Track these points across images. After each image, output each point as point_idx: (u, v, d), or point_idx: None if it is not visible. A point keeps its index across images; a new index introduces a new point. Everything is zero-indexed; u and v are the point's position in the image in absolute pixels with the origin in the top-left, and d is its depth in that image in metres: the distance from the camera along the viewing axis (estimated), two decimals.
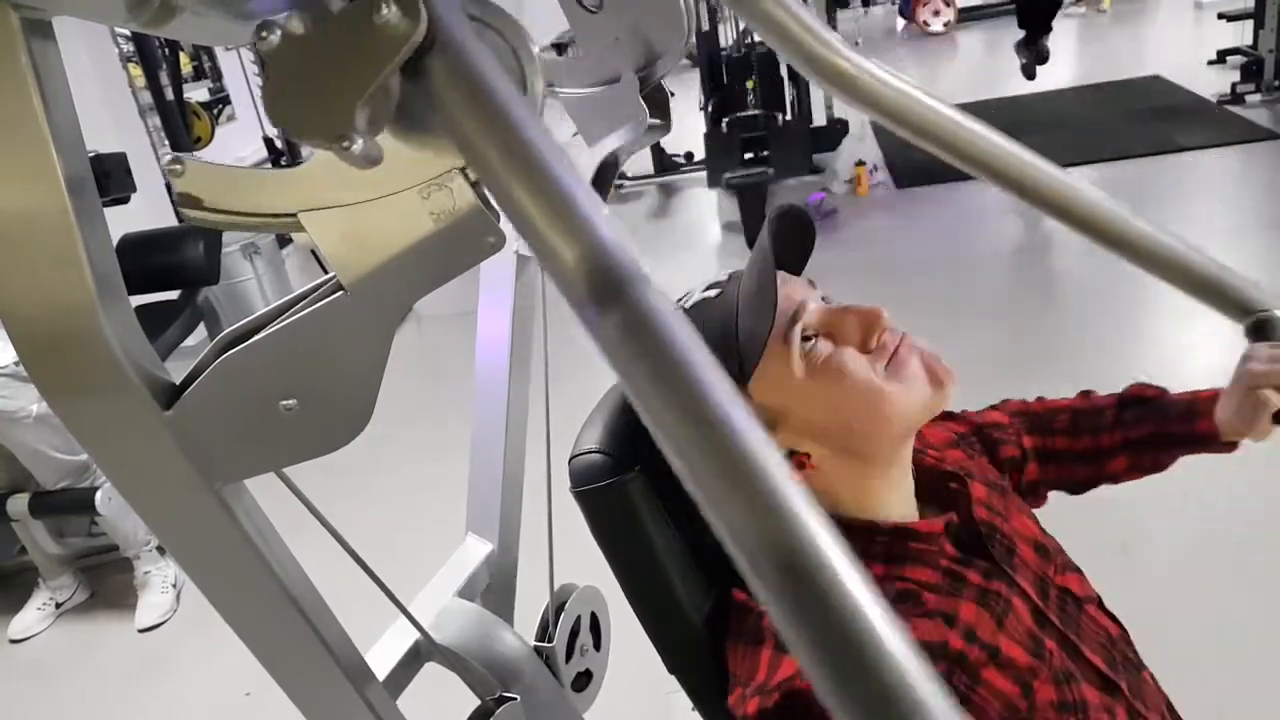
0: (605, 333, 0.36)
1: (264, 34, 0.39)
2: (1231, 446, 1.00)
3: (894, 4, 11.52)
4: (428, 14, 0.38)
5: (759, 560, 0.33)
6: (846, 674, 0.32)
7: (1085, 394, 1.15)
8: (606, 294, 0.36)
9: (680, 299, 0.92)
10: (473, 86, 0.39)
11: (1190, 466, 1.05)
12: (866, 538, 0.85)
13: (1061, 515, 1.12)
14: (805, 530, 0.33)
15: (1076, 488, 1.13)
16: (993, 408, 1.15)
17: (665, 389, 0.35)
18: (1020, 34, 5.37)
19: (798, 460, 0.86)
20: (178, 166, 0.48)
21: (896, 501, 0.88)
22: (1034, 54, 5.32)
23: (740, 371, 0.84)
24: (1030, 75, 5.48)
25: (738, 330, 0.84)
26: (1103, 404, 1.11)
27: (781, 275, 0.87)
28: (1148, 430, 1.05)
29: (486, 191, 0.41)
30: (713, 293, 0.90)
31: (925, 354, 0.85)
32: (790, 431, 0.86)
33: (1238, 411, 0.95)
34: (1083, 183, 0.82)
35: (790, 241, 0.89)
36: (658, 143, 5.74)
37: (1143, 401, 1.08)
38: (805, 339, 0.84)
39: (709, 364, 0.35)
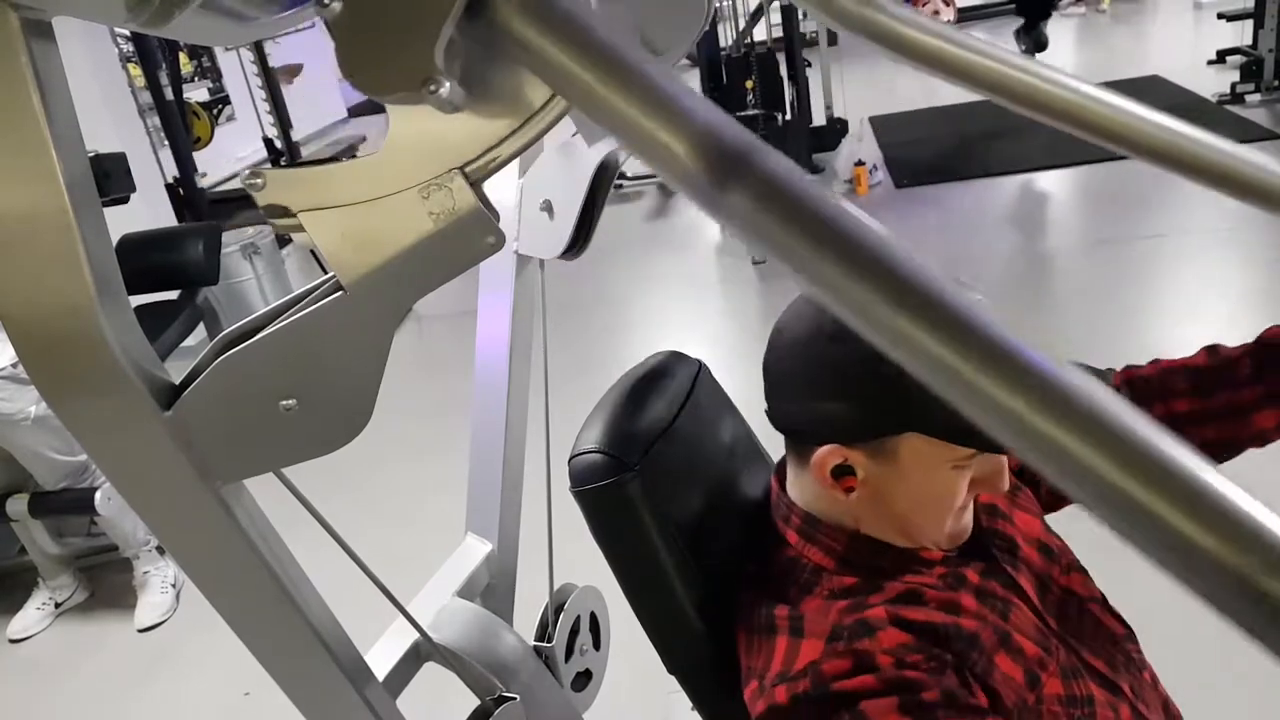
0: (738, 207, 0.34)
1: (325, 2, 0.39)
2: None
3: None
4: None
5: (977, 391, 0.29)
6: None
7: (1211, 349, 1.00)
8: (728, 170, 0.34)
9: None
10: (542, 5, 0.38)
11: None
12: (871, 553, 0.86)
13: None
14: (1033, 370, 0.29)
15: (1215, 453, 0.97)
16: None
17: (818, 245, 0.32)
18: (1019, 22, 5.40)
19: (847, 483, 0.83)
20: (258, 180, 0.47)
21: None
22: (1033, 41, 5.34)
23: (923, 419, 0.77)
24: None
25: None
26: (1235, 355, 0.97)
27: None
28: None
29: (579, 110, 0.39)
30: None
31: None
32: (873, 466, 0.81)
33: None
34: (1140, 106, 0.73)
35: None
36: None
37: None
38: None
39: (852, 211, 0.33)
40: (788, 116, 5.64)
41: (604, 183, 0.87)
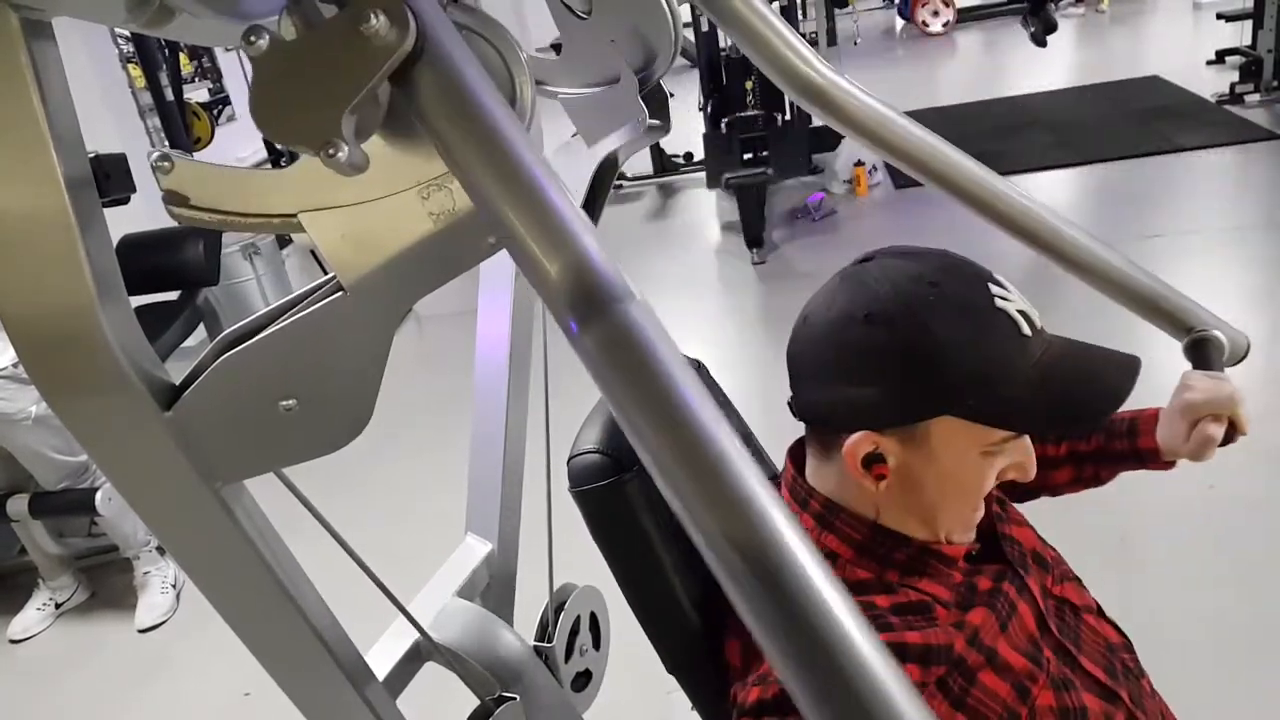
0: (587, 347, 0.36)
1: (252, 38, 0.39)
2: (1171, 464, 1.02)
3: (893, 4, 11.52)
4: (416, 24, 0.38)
5: (734, 567, 0.34)
6: (818, 680, 0.32)
7: None
8: (589, 309, 0.36)
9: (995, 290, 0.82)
10: (459, 100, 0.38)
11: None
12: (891, 545, 0.85)
13: (1056, 507, 1.12)
14: (779, 538, 0.34)
15: (1021, 493, 1.12)
16: None
17: (645, 404, 0.35)
18: (1017, 21, 5.43)
19: (878, 471, 0.81)
20: (166, 164, 0.48)
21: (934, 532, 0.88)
22: (1041, 23, 5.34)
23: (958, 401, 0.78)
24: (1040, 43, 5.47)
25: (1010, 383, 0.77)
26: None
27: None
28: (1094, 445, 1.07)
29: (472, 203, 0.42)
30: (1025, 328, 0.80)
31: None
32: (904, 453, 0.80)
33: (1178, 437, 0.97)
34: (1036, 200, 0.84)
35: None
36: (657, 143, 5.74)
37: None
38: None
39: (689, 379, 0.36)
40: (788, 116, 5.64)
41: (604, 183, 0.87)
